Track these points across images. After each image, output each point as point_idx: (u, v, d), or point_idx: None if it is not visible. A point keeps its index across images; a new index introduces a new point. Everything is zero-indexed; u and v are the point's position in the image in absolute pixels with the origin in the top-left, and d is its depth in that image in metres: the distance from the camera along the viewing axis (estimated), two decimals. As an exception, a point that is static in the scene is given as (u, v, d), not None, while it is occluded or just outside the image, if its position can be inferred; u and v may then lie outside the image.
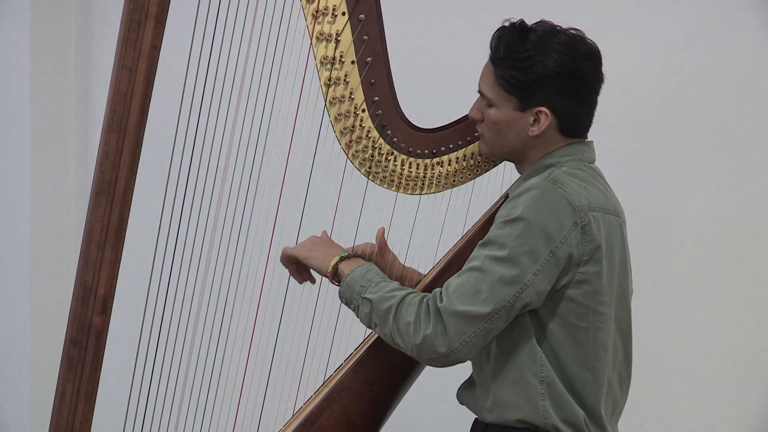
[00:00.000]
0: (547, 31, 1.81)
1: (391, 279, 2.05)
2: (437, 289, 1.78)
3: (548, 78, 1.78)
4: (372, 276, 1.85)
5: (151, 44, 1.73)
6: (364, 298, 1.83)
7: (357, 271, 1.87)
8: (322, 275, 1.94)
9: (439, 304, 1.74)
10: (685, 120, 3.03)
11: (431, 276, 2.02)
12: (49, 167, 3.70)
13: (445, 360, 1.76)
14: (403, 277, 2.08)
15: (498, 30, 1.85)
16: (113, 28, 1.79)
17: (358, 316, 1.87)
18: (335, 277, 1.91)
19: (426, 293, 1.80)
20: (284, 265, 2.00)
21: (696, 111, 3.02)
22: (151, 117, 1.79)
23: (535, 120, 1.82)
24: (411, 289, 1.83)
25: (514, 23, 1.84)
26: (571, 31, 1.83)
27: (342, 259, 1.91)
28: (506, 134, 1.85)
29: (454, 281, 1.76)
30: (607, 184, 1.88)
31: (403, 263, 2.12)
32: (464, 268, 1.78)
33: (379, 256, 2.07)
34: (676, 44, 3.02)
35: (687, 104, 3.02)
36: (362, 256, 2.01)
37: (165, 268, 1.90)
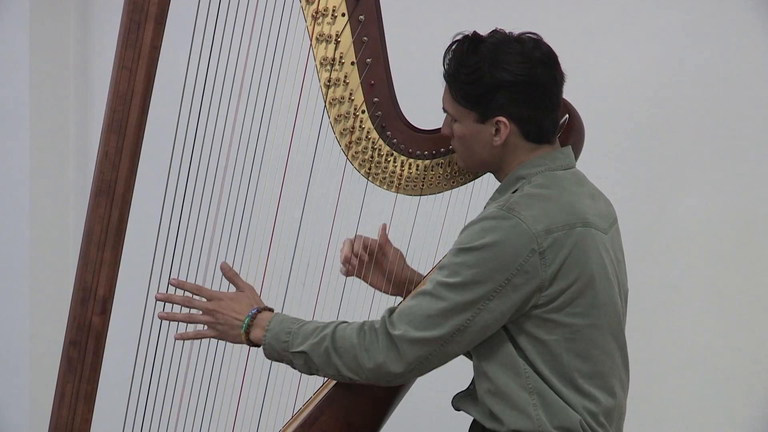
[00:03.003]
0: (497, 41, 1.80)
1: (397, 280, 2.07)
2: (385, 313, 1.79)
3: (500, 88, 1.77)
4: (287, 326, 1.84)
5: (150, 45, 1.73)
6: (294, 352, 1.82)
7: (270, 329, 1.85)
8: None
9: (391, 331, 1.76)
10: (684, 120, 3.03)
11: (427, 279, 2.02)
12: (49, 168, 3.70)
13: (402, 379, 1.79)
14: (408, 279, 2.09)
15: (450, 44, 1.84)
16: (113, 29, 1.79)
17: (294, 368, 1.86)
18: (253, 345, 1.89)
19: (357, 321, 1.81)
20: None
21: (695, 111, 3.02)
22: (151, 118, 1.79)
23: (496, 130, 1.81)
24: (333, 322, 1.83)
25: (466, 36, 1.83)
26: (527, 36, 1.82)
27: (247, 329, 1.87)
28: (473, 147, 1.85)
29: (406, 304, 1.78)
30: (586, 188, 1.86)
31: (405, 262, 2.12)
32: (416, 290, 1.79)
33: (382, 255, 2.07)
34: (675, 44, 3.02)
35: (686, 104, 3.02)
36: (364, 246, 2.04)
37: (165, 269, 1.90)
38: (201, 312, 1.90)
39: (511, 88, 1.77)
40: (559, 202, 1.77)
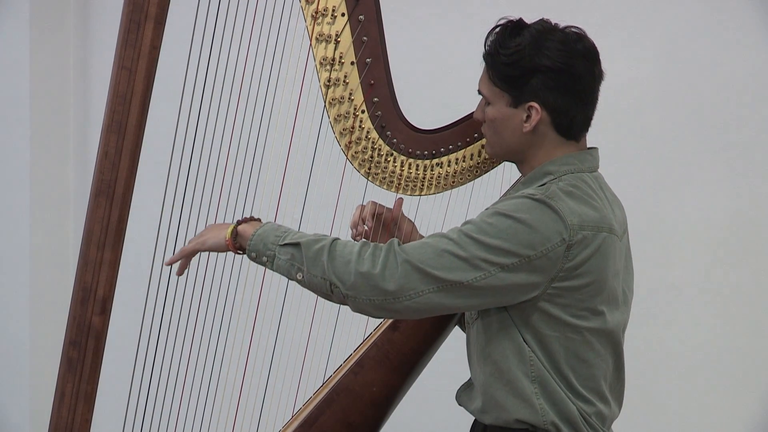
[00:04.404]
0: (542, 28, 1.80)
1: None
2: (393, 239, 1.76)
3: (537, 72, 1.77)
4: (286, 228, 1.82)
5: (150, 45, 1.73)
6: (285, 244, 1.78)
7: (267, 226, 1.82)
8: (223, 250, 1.86)
9: (398, 251, 1.73)
10: (685, 120, 3.03)
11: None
12: (49, 168, 3.70)
13: (385, 301, 1.72)
14: None
15: (493, 27, 1.85)
16: (112, 29, 1.79)
17: (271, 268, 1.81)
18: (236, 242, 1.84)
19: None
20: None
21: (695, 111, 3.02)
22: (151, 118, 1.79)
23: (527, 116, 1.81)
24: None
25: (511, 20, 1.83)
26: (570, 29, 1.82)
27: (240, 222, 1.85)
28: (503, 132, 1.85)
29: (420, 240, 1.76)
30: (607, 193, 1.86)
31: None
32: (434, 233, 1.77)
33: (396, 228, 2.08)
34: (675, 44, 3.02)
35: (686, 104, 3.03)
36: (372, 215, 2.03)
37: (164, 269, 1.90)
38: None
39: (548, 74, 1.77)
40: (590, 204, 1.78)
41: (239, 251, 1.85)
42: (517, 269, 1.71)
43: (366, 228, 2.06)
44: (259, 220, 1.88)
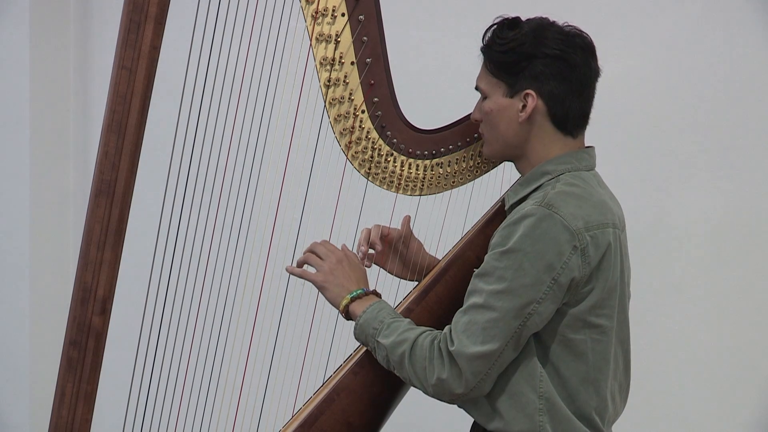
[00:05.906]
0: (541, 23, 1.82)
1: (416, 268, 2.09)
2: (447, 329, 1.78)
3: (534, 58, 1.78)
4: (383, 316, 1.86)
5: (150, 45, 1.73)
6: (378, 342, 1.84)
7: (368, 311, 1.87)
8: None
9: (450, 348, 1.75)
10: (685, 120, 3.03)
11: (431, 278, 2.02)
12: (49, 168, 3.70)
13: (465, 397, 1.78)
14: (428, 266, 2.11)
15: (491, 24, 1.86)
16: (112, 29, 1.79)
17: (376, 357, 1.88)
18: (347, 316, 1.93)
19: (437, 332, 1.81)
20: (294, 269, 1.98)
21: (695, 111, 3.02)
22: (151, 118, 1.79)
23: (523, 106, 1.81)
24: (422, 329, 1.83)
25: (508, 17, 1.84)
26: (568, 26, 1.83)
27: (353, 299, 1.91)
28: (499, 125, 1.85)
29: (461, 320, 1.76)
30: (604, 190, 1.86)
31: (430, 252, 2.15)
32: (467, 303, 1.77)
33: (403, 246, 2.09)
34: (675, 44, 3.02)
35: (686, 104, 3.03)
36: (389, 240, 2.06)
37: (164, 269, 1.90)
38: (320, 268, 1.95)
39: (544, 60, 1.78)
40: (591, 201, 1.77)
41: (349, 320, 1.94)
42: (549, 294, 1.72)
43: (373, 252, 2.08)
44: (374, 293, 1.94)
